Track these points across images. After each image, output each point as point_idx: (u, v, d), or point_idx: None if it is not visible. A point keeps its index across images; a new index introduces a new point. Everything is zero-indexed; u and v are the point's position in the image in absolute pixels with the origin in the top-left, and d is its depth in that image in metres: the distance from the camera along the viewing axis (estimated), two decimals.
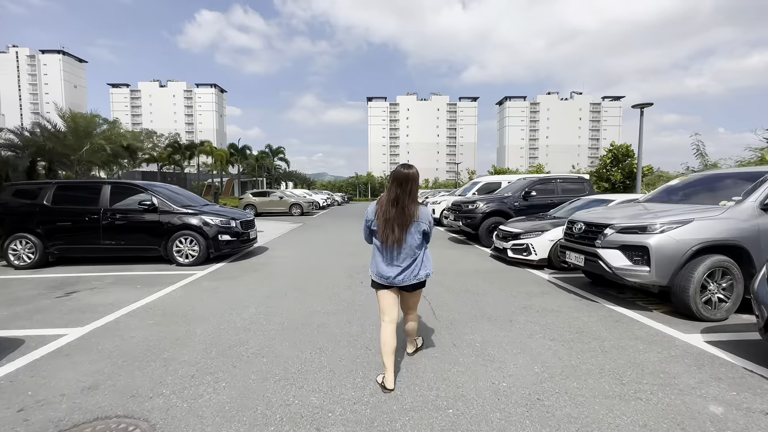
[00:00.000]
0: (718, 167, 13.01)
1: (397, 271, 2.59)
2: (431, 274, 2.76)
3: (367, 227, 2.71)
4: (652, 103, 11.15)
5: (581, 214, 5.06)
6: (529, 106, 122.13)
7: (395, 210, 2.54)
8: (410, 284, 2.65)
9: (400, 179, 2.55)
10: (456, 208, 10.11)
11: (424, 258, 2.71)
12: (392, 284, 2.63)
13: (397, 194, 2.55)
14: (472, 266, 6.93)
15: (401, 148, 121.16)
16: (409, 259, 2.61)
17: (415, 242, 2.60)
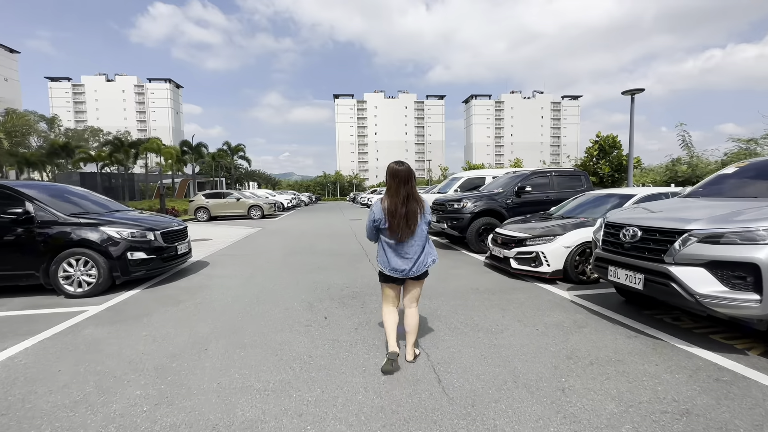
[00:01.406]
0: (700, 158, 12.53)
1: (411, 264, 2.74)
2: (437, 259, 2.92)
3: (374, 227, 2.77)
4: (643, 89, 10.31)
5: (629, 215, 3.70)
6: (494, 104, 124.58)
7: (407, 207, 2.63)
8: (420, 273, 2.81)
9: (403, 176, 2.66)
10: (439, 207, 8.68)
11: (429, 247, 2.84)
12: (408, 276, 2.77)
13: (406, 192, 2.64)
14: (469, 282, 5.47)
15: (370, 147, 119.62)
16: (419, 250, 2.75)
17: (423, 233, 2.77)
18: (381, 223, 2.69)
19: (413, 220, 2.64)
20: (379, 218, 2.69)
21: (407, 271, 2.72)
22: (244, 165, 50.63)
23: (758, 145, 10.99)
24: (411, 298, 2.92)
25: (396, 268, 2.73)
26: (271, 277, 6.02)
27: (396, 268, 2.73)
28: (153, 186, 34.68)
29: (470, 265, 6.68)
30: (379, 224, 2.71)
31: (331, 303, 4.54)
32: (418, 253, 2.74)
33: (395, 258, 2.73)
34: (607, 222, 3.81)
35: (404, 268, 2.72)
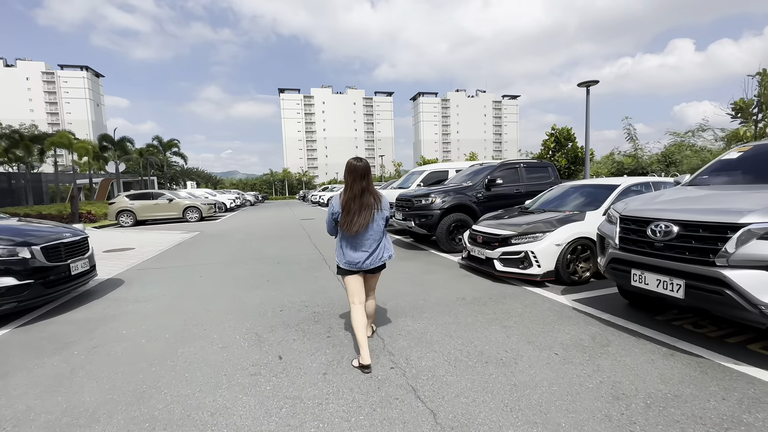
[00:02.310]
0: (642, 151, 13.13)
1: (364, 256, 2.80)
2: (393, 255, 2.99)
3: (333, 219, 2.86)
4: (597, 81, 10.34)
5: (653, 206, 3.09)
6: (441, 102, 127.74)
7: (362, 201, 2.72)
8: (375, 267, 2.88)
9: (360, 172, 2.73)
10: (405, 204, 7.85)
11: (386, 242, 2.95)
12: (361, 269, 2.83)
13: (363, 186, 2.73)
14: (451, 290, 4.69)
15: (318, 143, 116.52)
16: (375, 245, 2.83)
17: (380, 228, 2.86)
18: (339, 215, 2.78)
19: (368, 214, 2.73)
20: (338, 211, 2.79)
21: (361, 263, 2.81)
22: (179, 162, 45.97)
23: (694, 136, 11.68)
24: (368, 289, 3.03)
25: (351, 261, 2.81)
26: (206, 297, 4.74)
27: (351, 261, 2.81)
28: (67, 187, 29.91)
29: (446, 268, 5.92)
30: (337, 217, 2.81)
31: (287, 332, 3.47)
32: (374, 247, 2.83)
33: (350, 251, 2.82)
34: (626, 216, 3.18)
35: (358, 260, 2.80)
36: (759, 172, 3.37)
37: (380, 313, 3.87)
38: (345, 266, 2.85)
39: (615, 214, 3.39)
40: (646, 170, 12.02)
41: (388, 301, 4.31)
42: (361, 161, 2.76)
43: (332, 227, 2.93)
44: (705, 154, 11.30)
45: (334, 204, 2.83)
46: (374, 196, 2.78)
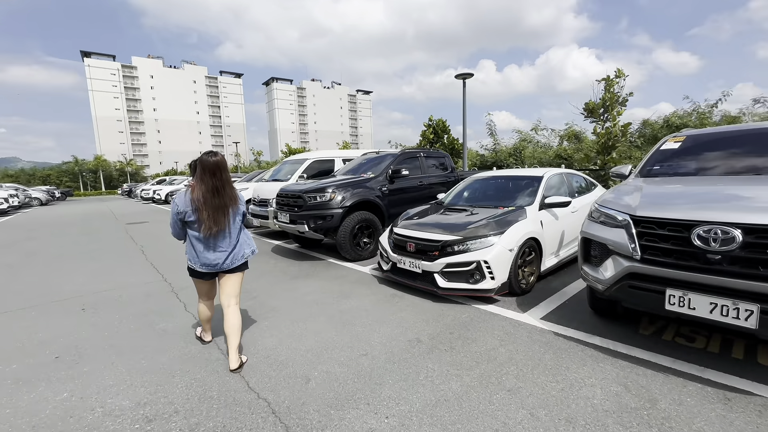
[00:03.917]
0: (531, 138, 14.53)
1: (224, 257, 2.65)
2: (256, 250, 2.90)
3: (179, 220, 2.61)
4: (472, 74, 10.55)
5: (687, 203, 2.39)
6: (297, 90, 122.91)
7: (218, 199, 2.54)
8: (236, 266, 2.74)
9: (214, 168, 2.53)
10: (291, 201, 5.97)
11: (245, 237, 2.80)
12: (221, 269, 2.69)
13: (215, 184, 2.53)
14: (394, 327, 3.31)
15: (147, 126, 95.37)
16: (234, 242, 2.69)
17: (237, 225, 2.71)
18: (187, 215, 2.55)
19: (224, 213, 2.58)
20: (184, 210, 2.55)
21: (220, 265, 2.66)
22: None
23: (538, 134, 13.53)
24: (229, 295, 2.78)
25: (208, 263, 2.64)
26: None
27: (208, 263, 2.64)
28: None
29: (364, 287, 4.49)
30: (184, 217, 2.57)
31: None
32: (233, 245, 2.69)
33: (206, 252, 2.63)
34: (648, 217, 2.42)
35: (217, 261, 2.64)
36: (715, 161, 3.17)
37: (310, 398, 2.18)
38: (202, 269, 2.67)
39: (615, 213, 2.64)
40: (504, 163, 13.30)
41: (314, 366, 2.62)
42: (215, 156, 2.59)
43: (178, 229, 2.68)
44: (547, 149, 13.24)
45: (179, 203, 2.58)
46: (230, 192, 2.63)
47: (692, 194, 2.65)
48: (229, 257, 2.66)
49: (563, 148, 12.20)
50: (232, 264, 2.69)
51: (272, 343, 3.03)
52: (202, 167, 2.53)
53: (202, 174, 2.53)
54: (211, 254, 2.61)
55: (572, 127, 12.57)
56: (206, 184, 2.52)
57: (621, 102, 7.96)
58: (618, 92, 7.84)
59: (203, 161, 2.53)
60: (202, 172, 2.53)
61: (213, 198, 2.52)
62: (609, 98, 7.96)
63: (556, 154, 12.26)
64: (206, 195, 2.51)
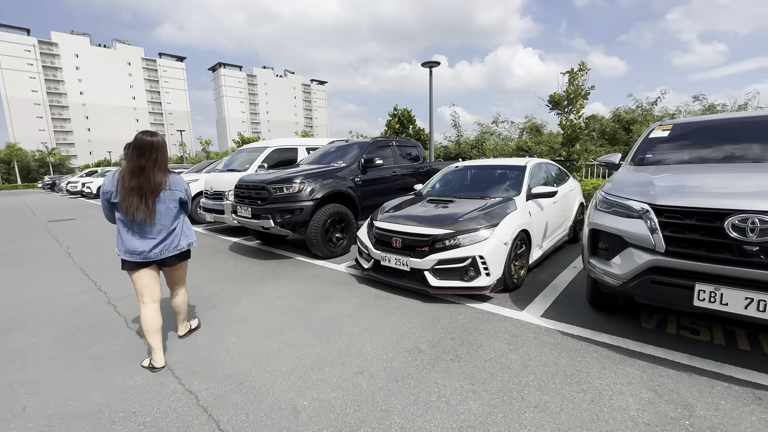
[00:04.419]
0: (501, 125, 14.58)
1: (152, 244, 2.44)
2: (194, 243, 2.70)
3: (105, 200, 2.43)
4: (439, 63, 10.34)
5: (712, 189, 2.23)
6: (247, 77, 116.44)
7: (140, 180, 2.35)
8: (171, 256, 2.54)
9: (142, 147, 2.36)
10: (252, 193, 5.29)
11: (185, 227, 2.63)
12: (147, 259, 2.45)
13: (140, 163, 2.34)
14: (386, 335, 2.91)
15: (73, 111, 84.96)
16: (165, 231, 2.49)
17: (171, 212, 2.51)
18: (112, 196, 2.37)
19: (150, 195, 2.37)
20: (110, 190, 2.38)
21: (147, 253, 2.42)
22: None
23: (498, 126, 13.73)
24: (172, 284, 2.75)
25: (132, 250, 2.41)
26: None
27: (132, 250, 2.41)
28: None
29: (343, 288, 4.03)
30: (110, 197, 2.39)
31: None
32: (164, 234, 2.48)
33: (132, 238, 2.41)
34: (672, 206, 2.24)
35: (142, 249, 2.41)
36: (712, 148, 3.12)
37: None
38: (127, 257, 2.43)
39: (631, 202, 2.44)
40: (467, 155, 13.35)
41: (301, 393, 2.14)
42: (153, 135, 2.41)
43: (108, 210, 2.48)
44: (507, 141, 13.48)
45: (106, 182, 2.40)
46: (160, 175, 2.41)
47: (715, 182, 2.52)
48: (158, 247, 2.46)
49: (524, 141, 12.48)
50: (162, 254, 2.49)
51: (244, 365, 2.50)
52: (132, 145, 2.38)
53: (131, 153, 2.37)
54: (137, 241, 2.41)
55: (531, 120, 12.94)
56: (130, 163, 2.36)
57: (584, 95, 8.17)
58: (582, 85, 8.04)
59: (136, 139, 2.38)
60: (131, 150, 2.37)
61: (131, 179, 2.34)
62: (573, 91, 8.13)
63: (517, 146, 12.51)
64: (125, 175, 2.35)
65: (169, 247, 2.51)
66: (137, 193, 2.34)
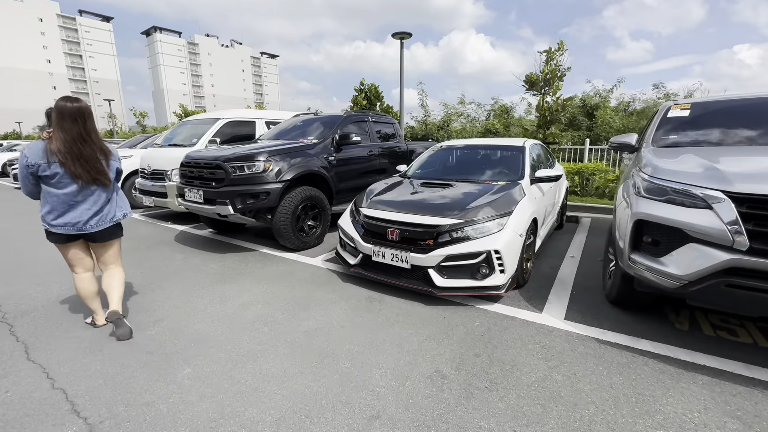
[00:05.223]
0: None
1: (88, 215, 2.36)
2: (129, 213, 2.62)
3: (30, 174, 2.23)
4: (411, 34, 9.60)
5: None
6: (188, 45, 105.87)
7: (88, 148, 2.29)
8: (105, 228, 2.45)
9: (75, 114, 2.24)
10: (205, 173, 4.31)
11: (118, 198, 2.56)
12: (83, 231, 2.37)
13: (80, 131, 2.26)
14: (393, 350, 2.31)
15: None
16: (101, 201, 2.42)
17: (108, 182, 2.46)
18: (41, 169, 2.21)
19: (93, 165, 2.31)
20: (37, 162, 2.20)
21: (82, 225, 2.34)
22: None
23: (464, 106, 13.40)
24: (106, 262, 2.59)
25: (68, 222, 2.31)
26: None
27: (68, 222, 2.31)
28: None
29: (322, 288, 3.34)
30: (36, 171, 2.22)
31: None
32: (100, 204, 2.40)
33: (64, 209, 2.30)
34: (756, 195, 1.84)
35: (78, 220, 2.33)
36: (736, 127, 2.84)
37: None
38: (60, 230, 2.31)
39: (699, 189, 2.03)
40: (434, 136, 12.92)
41: None
42: (76, 101, 2.28)
43: (31, 186, 2.29)
44: (474, 123, 13.20)
45: (29, 154, 2.20)
46: (98, 143, 2.37)
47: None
48: (94, 218, 2.38)
49: (491, 123, 12.28)
50: (99, 225, 2.41)
51: (207, 415, 1.77)
52: (59, 113, 2.23)
53: (61, 121, 2.23)
54: (72, 212, 2.32)
55: (498, 102, 12.77)
56: (68, 132, 2.24)
57: (560, 76, 7.96)
58: (560, 64, 7.81)
59: (60, 107, 2.23)
60: (60, 118, 2.23)
61: (82, 146, 2.27)
62: (550, 71, 7.88)
63: (485, 128, 12.28)
64: (71, 145, 2.23)
65: (105, 218, 2.43)
66: (93, 162, 2.30)
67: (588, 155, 8.23)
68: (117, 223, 2.56)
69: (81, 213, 2.33)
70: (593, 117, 11.08)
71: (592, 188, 7.34)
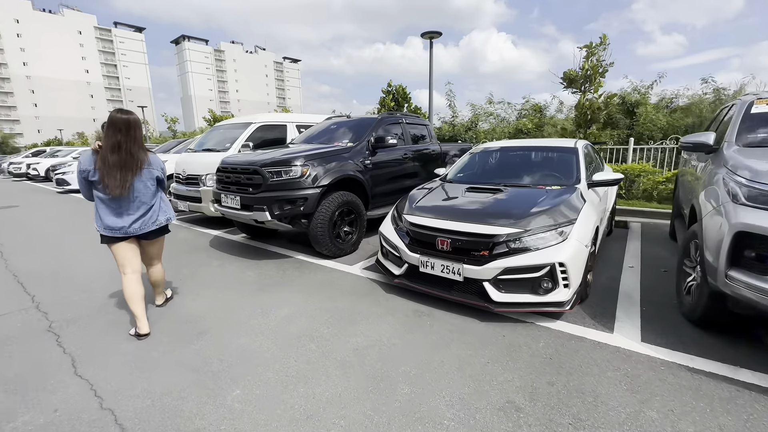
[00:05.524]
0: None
1: (131, 220, 2.53)
2: (173, 218, 2.79)
3: (83, 179, 2.48)
4: (440, 33, 9.37)
5: None
6: (214, 53, 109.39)
7: (119, 156, 2.42)
8: (150, 231, 2.63)
9: (120, 124, 2.42)
10: (242, 179, 4.24)
11: (162, 203, 2.71)
12: (128, 234, 2.55)
13: (118, 140, 2.41)
14: (454, 375, 2.10)
15: (16, 84, 76.52)
16: (144, 207, 2.58)
17: (149, 189, 2.59)
18: (90, 174, 2.43)
19: (131, 172, 2.47)
20: (87, 168, 2.44)
21: (126, 229, 2.53)
22: None
23: (492, 106, 13.00)
24: (149, 259, 2.83)
25: (111, 226, 2.51)
26: None
27: (111, 226, 2.51)
28: None
29: (365, 299, 3.16)
30: (87, 175, 2.44)
31: None
32: (142, 210, 2.58)
33: (110, 215, 2.51)
34: None
35: (122, 225, 2.52)
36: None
37: None
38: (107, 233, 2.52)
39: None
40: (462, 138, 12.58)
41: None
42: (127, 113, 2.47)
43: (85, 188, 2.53)
44: (501, 123, 12.77)
45: (82, 160, 2.45)
46: (136, 151, 2.49)
47: None
48: (137, 222, 2.56)
49: (523, 123, 11.83)
50: (142, 229, 2.59)
51: None
52: (107, 123, 2.42)
53: (107, 130, 2.42)
54: (116, 218, 2.51)
55: (529, 101, 12.28)
56: (109, 140, 2.41)
57: (602, 72, 7.51)
58: (604, 59, 7.37)
59: (110, 117, 2.43)
60: (107, 128, 2.42)
61: (111, 155, 2.41)
62: (591, 67, 7.45)
63: (516, 128, 11.85)
64: (105, 153, 2.41)
65: (148, 223, 2.60)
66: (117, 169, 2.40)
67: (632, 155, 7.73)
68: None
69: (124, 218, 2.52)
70: (633, 115, 10.45)
71: (639, 191, 6.87)
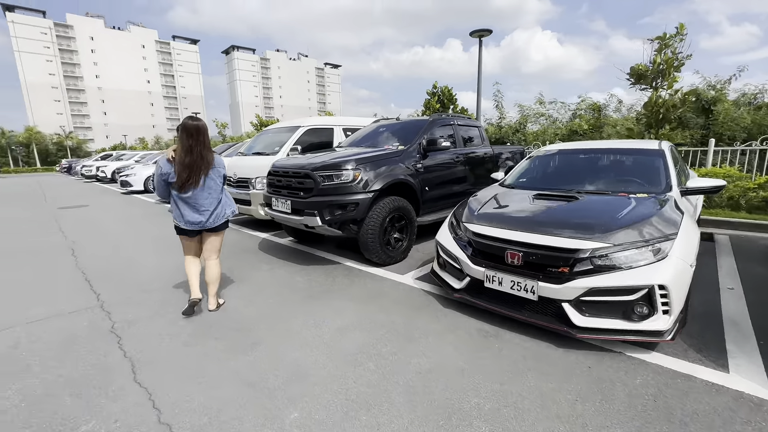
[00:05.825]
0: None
1: (206, 216, 2.87)
2: (236, 210, 3.14)
3: (163, 181, 2.80)
4: (491, 31, 8.96)
5: None
6: (260, 61, 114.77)
7: (192, 158, 2.71)
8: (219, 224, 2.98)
9: (191, 130, 2.71)
10: (293, 183, 4.19)
11: (226, 198, 3.03)
12: (205, 227, 2.91)
13: (190, 144, 2.70)
14: (536, 412, 1.80)
15: (89, 95, 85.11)
16: (215, 203, 2.90)
17: (217, 186, 2.91)
18: (169, 176, 2.75)
19: (202, 172, 2.76)
20: (167, 171, 2.75)
21: (204, 223, 2.87)
22: None
23: (543, 106, 12.28)
24: (210, 250, 3.05)
25: (192, 221, 2.84)
26: None
27: (192, 221, 2.84)
28: None
29: (422, 314, 2.93)
30: (167, 178, 2.76)
31: None
32: (214, 206, 2.89)
33: (189, 211, 2.83)
34: None
35: (200, 220, 2.85)
36: None
37: None
38: (186, 226, 2.86)
39: None
40: (509, 140, 12.00)
41: None
42: (196, 120, 2.76)
43: (163, 189, 2.87)
44: (552, 124, 12.03)
45: (161, 165, 2.78)
46: (205, 153, 2.77)
47: None
48: (212, 216, 2.88)
49: (577, 123, 11.04)
50: (215, 223, 2.92)
51: None
52: (181, 128, 2.72)
53: (181, 134, 2.72)
54: (195, 214, 2.83)
55: (585, 99, 11.44)
56: (182, 143, 2.71)
57: (677, 66, 6.75)
58: (680, 52, 6.62)
59: (183, 123, 2.74)
60: (181, 132, 2.72)
61: (185, 157, 2.70)
62: (665, 60, 6.71)
63: (570, 129, 11.09)
64: (180, 155, 2.70)
65: (219, 216, 2.93)
66: (190, 169, 2.72)
67: (711, 158, 6.86)
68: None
69: (200, 214, 2.85)
70: (710, 113, 9.36)
71: (723, 198, 6.06)
